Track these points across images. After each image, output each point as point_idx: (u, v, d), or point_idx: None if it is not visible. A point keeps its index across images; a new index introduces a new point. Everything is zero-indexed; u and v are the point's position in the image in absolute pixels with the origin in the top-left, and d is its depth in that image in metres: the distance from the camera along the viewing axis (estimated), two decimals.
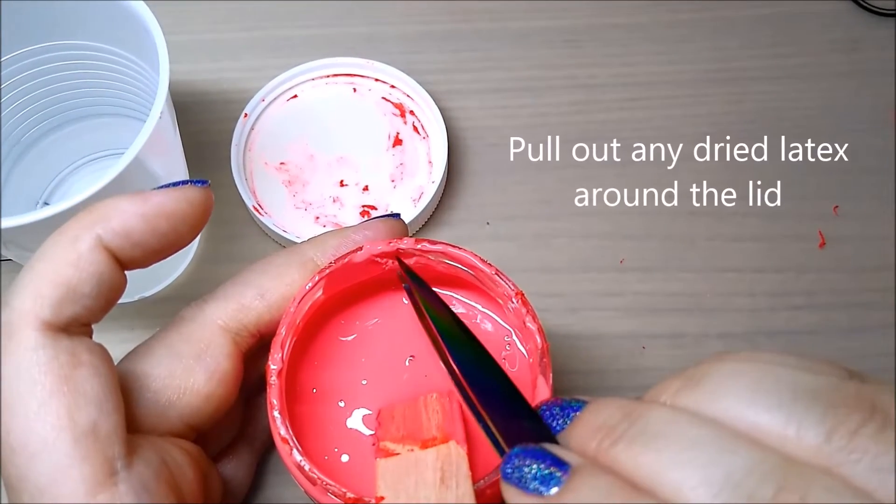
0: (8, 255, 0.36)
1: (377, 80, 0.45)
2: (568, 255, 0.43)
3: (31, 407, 0.25)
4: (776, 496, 0.19)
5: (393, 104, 0.44)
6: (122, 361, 0.30)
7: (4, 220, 0.30)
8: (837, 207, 0.44)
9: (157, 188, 0.28)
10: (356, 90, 0.45)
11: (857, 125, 0.45)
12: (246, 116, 0.44)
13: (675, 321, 0.41)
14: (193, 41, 0.46)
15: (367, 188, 0.43)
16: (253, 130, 0.44)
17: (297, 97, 0.45)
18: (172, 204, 0.28)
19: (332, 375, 0.32)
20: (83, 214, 0.27)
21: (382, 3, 0.48)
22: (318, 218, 0.42)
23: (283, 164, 0.43)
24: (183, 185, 0.28)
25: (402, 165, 0.43)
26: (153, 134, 0.32)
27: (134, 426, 0.27)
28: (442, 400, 0.29)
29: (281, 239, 0.42)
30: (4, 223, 0.30)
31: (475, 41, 0.47)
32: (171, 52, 0.33)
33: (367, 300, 0.33)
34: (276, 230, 0.41)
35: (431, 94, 0.44)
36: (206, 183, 0.29)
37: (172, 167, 0.37)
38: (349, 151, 0.44)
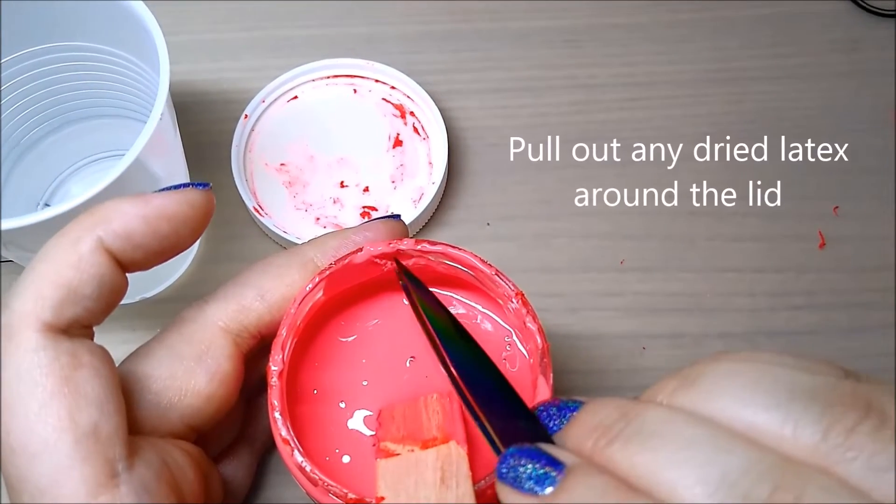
0: (8, 256, 0.36)
1: (377, 81, 0.45)
2: (568, 255, 0.43)
3: (31, 408, 0.25)
4: (772, 496, 0.19)
5: (393, 105, 0.45)
6: (123, 363, 0.30)
7: (5, 221, 0.30)
8: (837, 207, 0.44)
9: (158, 190, 0.28)
10: (356, 91, 0.45)
11: (857, 125, 0.45)
12: (246, 117, 0.44)
13: (675, 321, 0.41)
14: (193, 41, 0.46)
15: (367, 189, 0.43)
16: (253, 131, 0.44)
17: (297, 98, 0.45)
18: (174, 206, 0.28)
19: (332, 376, 0.32)
20: (84, 216, 0.27)
21: (382, 3, 0.48)
22: (318, 219, 0.42)
23: (283, 165, 0.43)
24: (184, 187, 0.28)
25: (402, 166, 0.43)
26: (154, 135, 0.32)
27: (135, 427, 0.27)
28: (442, 400, 0.29)
29: (281, 240, 0.42)
30: (5, 224, 0.30)
31: (475, 41, 0.47)
32: (171, 52, 0.33)
33: (367, 301, 0.33)
34: (276, 231, 0.41)
35: (431, 94, 0.44)
36: (207, 186, 0.29)
37: (173, 168, 0.37)
38: (349, 152, 0.44)
